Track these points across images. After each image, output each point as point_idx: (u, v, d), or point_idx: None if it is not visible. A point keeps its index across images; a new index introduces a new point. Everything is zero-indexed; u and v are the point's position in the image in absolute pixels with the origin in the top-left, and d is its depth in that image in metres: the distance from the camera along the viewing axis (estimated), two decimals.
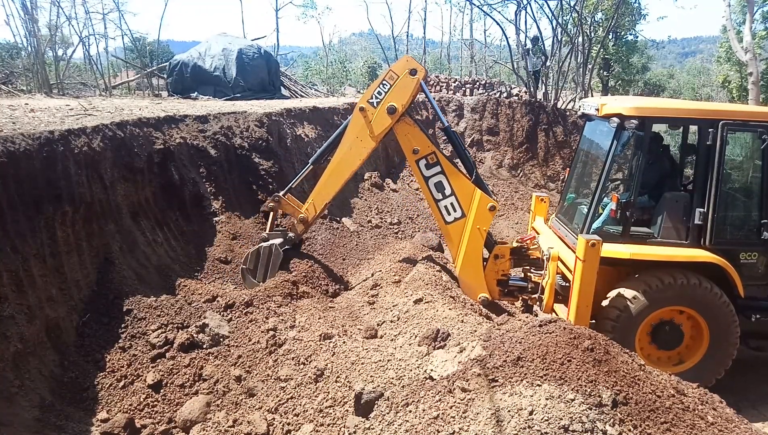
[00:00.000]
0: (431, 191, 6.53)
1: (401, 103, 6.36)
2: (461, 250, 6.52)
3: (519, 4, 18.53)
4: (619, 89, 25.30)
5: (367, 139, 6.52)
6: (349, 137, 6.58)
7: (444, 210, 6.52)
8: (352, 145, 6.56)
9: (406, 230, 10.96)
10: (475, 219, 6.44)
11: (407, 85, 6.38)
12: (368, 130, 6.48)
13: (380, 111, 6.41)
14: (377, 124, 6.45)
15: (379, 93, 6.41)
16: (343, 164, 6.64)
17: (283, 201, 6.87)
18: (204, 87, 14.21)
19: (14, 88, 14.51)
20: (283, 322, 5.58)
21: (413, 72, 6.39)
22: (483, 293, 6.50)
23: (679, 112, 6.53)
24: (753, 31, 16.63)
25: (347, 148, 6.57)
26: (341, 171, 6.66)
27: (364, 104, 6.46)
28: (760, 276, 6.21)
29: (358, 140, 6.54)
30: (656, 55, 36.00)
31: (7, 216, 4.74)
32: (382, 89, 6.40)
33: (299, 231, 6.97)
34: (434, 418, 3.44)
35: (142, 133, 7.17)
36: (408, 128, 6.53)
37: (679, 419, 3.36)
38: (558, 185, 14.97)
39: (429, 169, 6.50)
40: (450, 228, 6.53)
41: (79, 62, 22.95)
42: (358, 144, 6.55)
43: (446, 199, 6.50)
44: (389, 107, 6.36)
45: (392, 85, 6.38)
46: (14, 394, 4.19)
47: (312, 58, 43.48)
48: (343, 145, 6.59)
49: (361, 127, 6.51)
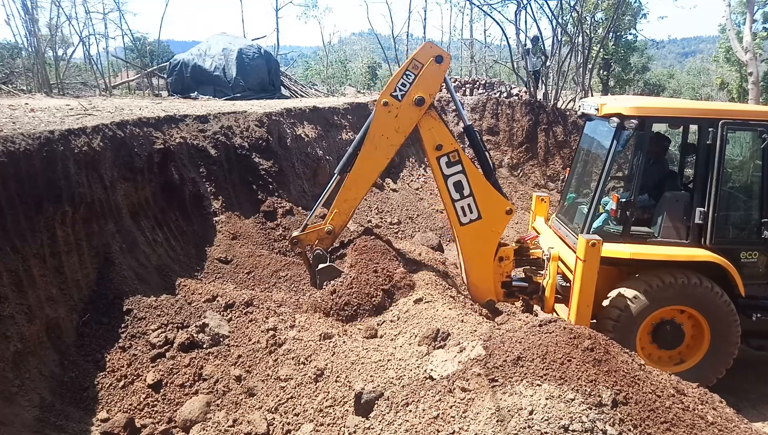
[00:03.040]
0: (449, 191, 6.16)
1: (429, 94, 5.92)
2: (474, 253, 6.29)
3: (519, 4, 18.54)
4: (618, 89, 25.31)
5: (393, 136, 6.03)
6: (373, 136, 6.04)
7: (461, 211, 6.19)
8: (378, 144, 6.05)
9: (406, 230, 10.96)
10: (491, 222, 6.20)
11: (434, 73, 5.93)
12: (394, 125, 5.98)
13: (406, 104, 5.93)
14: (404, 118, 5.97)
15: (403, 84, 5.91)
16: (369, 165, 6.15)
17: (301, 237, 6.26)
18: (204, 87, 14.21)
19: (14, 87, 14.51)
20: (283, 321, 5.58)
21: (439, 59, 5.92)
22: (491, 298, 6.39)
23: (679, 111, 6.52)
24: (753, 31, 16.62)
25: (372, 148, 6.06)
26: (367, 173, 6.19)
27: (388, 98, 5.93)
28: (761, 275, 6.21)
29: (383, 138, 6.04)
30: (656, 55, 36.02)
31: (7, 216, 4.74)
32: (406, 80, 5.91)
33: (326, 245, 6.33)
34: (434, 417, 3.44)
35: (142, 133, 7.17)
36: (433, 122, 6.09)
37: (679, 419, 3.35)
38: (558, 185, 14.98)
39: (450, 168, 6.12)
40: (464, 229, 6.22)
41: (79, 62, 22.95)
42: (384, 142, 6.06)
43: (464, 199, 6.17)
44: (417, 99, 5.89)
45: (417, 74, 5.89)
46: (14, 394, 4.19)
47: (312, 58, 43.50)
48: (367, 144, 6.07)
49: (385, 123, 5.99)
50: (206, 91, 14.05)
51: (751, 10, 16.43)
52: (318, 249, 6.19)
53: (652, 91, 27.95)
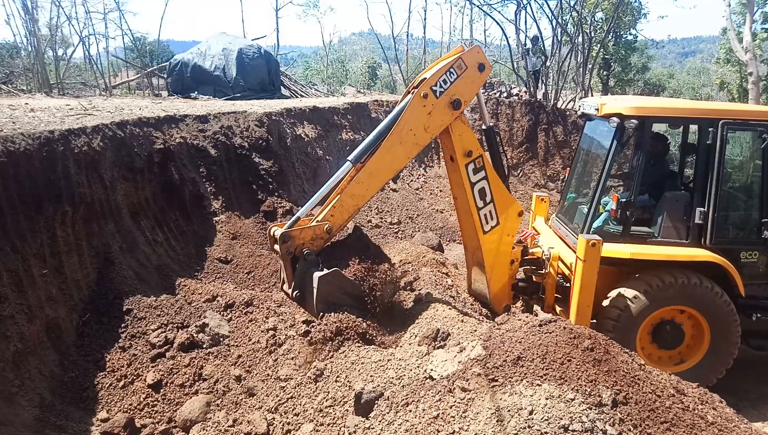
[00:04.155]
0: (475, 198, 5.83)
1: (465, 100, 5.55)
2: (497, 261, 6.14)
3: (519, 4, 18.53)
4: (618, 89, 25.30)
5: (421, 134, 5.44)
6: (402, 128, 5.32)
7: (484, 219, 5.90)
8: (404, 139, 5.35)
9: (406, 230, 10.96)
10: (507, 227, 6.07)
11: (475, 80, 5.60)
12: (425, 123, 5.40)
13: (442, 103, 5.42)
14: (436, 117, 5.45)
15: (445, 81, 5.40)
16: (388, 160, 5.38)
17: (294, 234, 5.04)
18: (204, 87, 14.22)
19: (14, 87, 14.51)
20: (283, 321, 5.58)
21: (481, 67, 5.61)
22: (508, 303, 6.32)
23: (679, 111, 6.52)
24: (753, 31, 16.63)
25: (397, 141, 5.33)
26: (384, 169, 5.41)
27: (428, 91, 5.36)
28: (761, 275, 6.20)
29: (411, 133, 5.37)
30: (656, 55, 35.98)
31: (7, 216, 4.74)
32: (448, 78, 5.41)
33: (318, 246, 5.16)
34: (434, 417, 3.44)
35: (142, 133, 7.18)
36: (463, 127, 5.72)
37: (678, 419, 3.36)
38: (558, 185, 14.97)
39: (476, 174, 5.79)
40: (487, 238, 5.97)
41: (79, 62, 22.94)
42: (410, 138, 5.38)
43: (486, 206, 5.90)
44: (455, 101, 5.45)
45: (459, 75, 5.46)
46: (14, 394, 4.19)
47: (312, 58, 43.48)
48: (392, 135, 5.30)
49: (418, 117, 5.37)
50: (206, 91, 14.05)
51: (751, 11, 16.43)
52: (308, 250, 5.07)
53: (652, 91, 27.92)
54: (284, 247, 5.01)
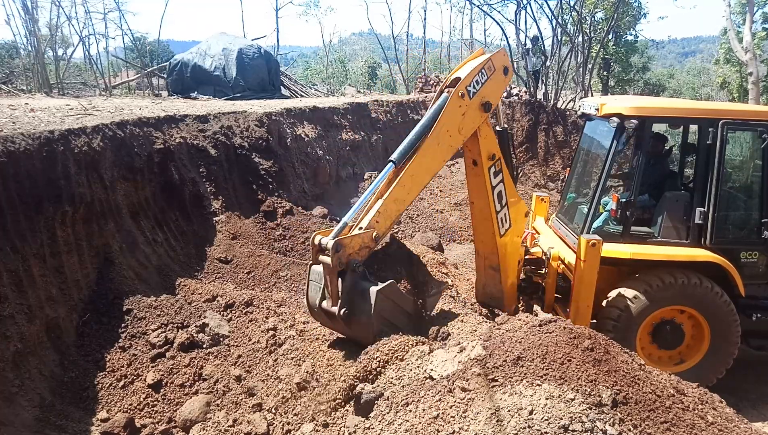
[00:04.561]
0: (495, 202, 5.72)
1: (494, 102, 5.42)
2: (510, 263, 6.13)
3: (519, 4, 18.53)
4: (619, 89, 25.30)
5: (455, 136, 5.17)
6: (441, 129, 5.03)
7: (500, 222, 5.84)
8: (441, 141, 5.07)
9: (406, 230, 10.96)
10: (517, 228, 6.06)
11: (501, 83, 5.52)
12: (459, 124, 5.14)
13: (474, 104, 5.22)
14: (469, 119, 5.22)
15: (477, 82, 5.18)
16: (428, 162, 5.06)
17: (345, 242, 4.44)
18: (204, 87, 14.23)
19: (14, 87, 14.52)
20: (283, 321, 5.58)
21: (506, 71, 5.55)
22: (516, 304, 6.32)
23: (679, 111, 6.52)
24: (753, 31, 16.63)
25: (435, 143, 5.03)
26: (424, 172, 5.07)
27: (465, 90, 5.11)
28: (761, 275, 6.20)
29: (447, 135, 5.11)
30: (656, 55, 36.04)
31: (7, 216, 4.74)
32: (480, 79, 5.21)
33: (363, 256, 4.57)
34: (434, 417, 3.44)
35: (142, 133, 7.18)
36: (488, 130, 5.60)
37: (678, 419, 3.35)
38: (558, 185, 14.97)
39: (496, 178, 5.70)
40: (502, 241, 5.91)
41: (79, 62, 22.96)
42: (447, 140, 5.12)
43: (503, 209, 5.83)
44: (486, 103, 5.29)
45: (489, 77, 5.31)
46: (14, 394, 4.19)
47: (312, 58, 43.51)
48: (432, 137, 4.99)
49: (454, 118, 5.11)
50: (206, 91, 14.06)
51: (751, 11, 16.44)
52: (355, 261, 4.46)
53: (653, 91, 27.93)
54: (336, 258, 4.35)
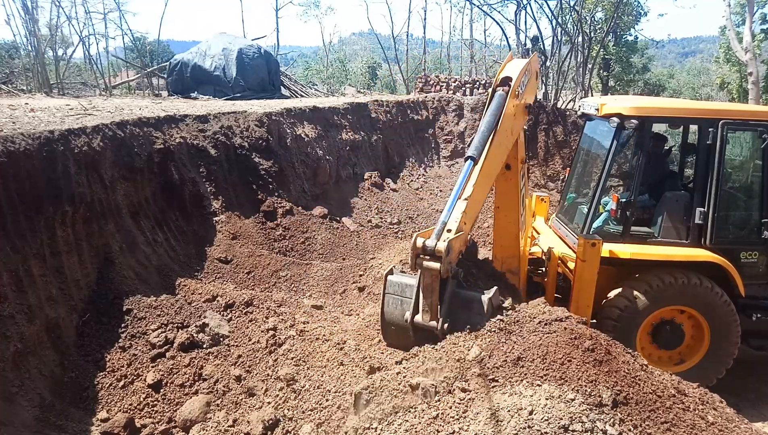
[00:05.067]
0: (521, 206, 5.66)
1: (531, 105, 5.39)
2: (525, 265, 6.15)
3: (519, 4, 18.54)
4: (619, 89, 25.30)
5: (508, 137, 4.98)
6: (503, 129, 4.75)
7: (522, 226, 5.88)
8: (502, 141, 4.83)
9: (406, 230, 10.96)
10: (526, 229, 6.08)
11: (535, 87, 5.47)
12: (511, 125, 4.96)
13: (522, 106, 5.12)
14: (519, 120, 5.13)
15: (522, 85, 5.04)
16: (497, 163, 4.86)
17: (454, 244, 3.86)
18: (204, 87, 14.23)
19: (14, 87, 14.52)
20: (283, 321, 5.58)
21: (537, 76, 5.61)
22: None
23: (679, 111, 6.52)
24: (752, 31, 16.64)
25: (498, 144, 4.74)
26: (493, 172, 4.83)
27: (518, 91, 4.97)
28: (761, 275, 6.20)
29: (507, 134, 4.89)
30: (656, 55, 36.03)
31: (7, 216, 4.74)
32: (524, 81, 5.07)
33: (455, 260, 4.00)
34: (434, 417, 3.43)
35: (142, 133, 7.17)
36: (522, 134, 5.50)
37: (679, 419, 3.35)
38: (558, 185, 14.96)
39: (521, 181, 5.66)
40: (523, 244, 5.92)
41: (79, 62, 22.95)
42: (506, 140, 4.91)
43: (523, 212, 5.83)
44: (529, 105, 5.26)
45: (529, 79, 5.29)
46: (14, 394, 4.19)
47: (312, 58, 43.51)
48: (498, 136, 4.67)
49: (510, 118, 4.87)
50: (206, 91, 14.06)
51: (750, 11, 16.44)
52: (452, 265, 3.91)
53: (653, 91, 27.93)
54: (447, 262, 3.77)
